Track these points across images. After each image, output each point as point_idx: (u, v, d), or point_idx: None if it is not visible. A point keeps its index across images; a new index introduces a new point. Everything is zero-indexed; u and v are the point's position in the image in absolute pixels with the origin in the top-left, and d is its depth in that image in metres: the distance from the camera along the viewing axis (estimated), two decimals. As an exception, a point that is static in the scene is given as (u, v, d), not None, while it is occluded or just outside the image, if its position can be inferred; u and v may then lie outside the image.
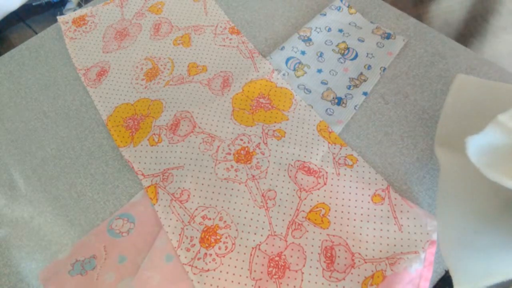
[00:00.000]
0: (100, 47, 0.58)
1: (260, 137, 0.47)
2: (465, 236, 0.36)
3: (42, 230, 0.44)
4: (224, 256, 0.40)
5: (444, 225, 0.35)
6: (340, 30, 0.57)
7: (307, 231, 0.41)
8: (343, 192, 0.43)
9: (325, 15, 0.58)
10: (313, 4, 0.60)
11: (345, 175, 0.44)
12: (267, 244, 0.41)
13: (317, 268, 0.39)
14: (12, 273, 0.42)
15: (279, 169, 0.45)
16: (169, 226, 0.42)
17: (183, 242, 0.41)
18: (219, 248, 0.41)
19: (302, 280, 0.39)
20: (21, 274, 0.42)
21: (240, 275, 0.39)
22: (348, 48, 0.55)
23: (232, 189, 0.44)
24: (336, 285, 0.38)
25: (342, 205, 0.43)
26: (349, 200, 0.43)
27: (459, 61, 0.52)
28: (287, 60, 0.54)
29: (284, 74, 0.52)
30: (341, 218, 0.42)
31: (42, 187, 0.47)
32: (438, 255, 0.40)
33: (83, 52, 0.57)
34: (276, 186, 0.44)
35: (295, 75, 0.53)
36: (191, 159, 0.46)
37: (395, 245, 0.40)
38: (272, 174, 0.45)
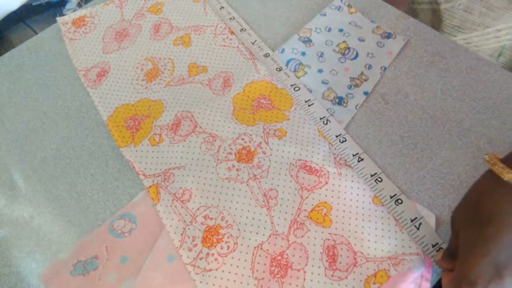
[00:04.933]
0: (100, 48, 0.58)
1: (261, 137, 0.47)
2: None
3: (42, 230, 0.44)
4: (226, 256, 0.40)
5: None
6: (340, 30, 0.57)
7: (309, 230, 0.41)
8: (345, 192, 0.43)
9: (325, 15, 0.58)
10: (313, 4, 0.60)
11: (346, 174, 0.44)
12: (269, 243, 0.41)
13: (319, 267, 0.39)
14: (12, 273, 0.42)
15: (281, 168, 0.45)
16: (170, 226, 0.42)
17: (185, 242, 0.41)
18: (221, 248, 0.40)
19: (304, 279, 0.39)
20: (21, 274, 0.42)
21: (243, 275, 0.39)
22: (348, 48, 0.55)
23: (234, 188, 0.44)
24: (339, 284, 0.38)
25: (344, 204, 0.43)
26: (351, 200, 0.43)
27: (459, 61, 0.52)
28: (288, 61, 0.54)
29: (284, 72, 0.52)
30: (343, 217, 0.42)
31: (42, 187, 0.47)
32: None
33: (83, 53, 0.57)
34: (278, 185, 0.44)
35: (296, 76, 0.53)
36: (192, 159, 0.46)
37: (396, 245, 0.40)
38: (274, 173, 0.45)
